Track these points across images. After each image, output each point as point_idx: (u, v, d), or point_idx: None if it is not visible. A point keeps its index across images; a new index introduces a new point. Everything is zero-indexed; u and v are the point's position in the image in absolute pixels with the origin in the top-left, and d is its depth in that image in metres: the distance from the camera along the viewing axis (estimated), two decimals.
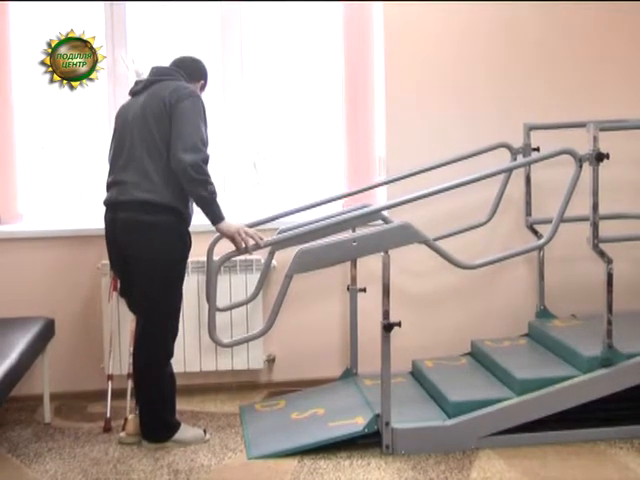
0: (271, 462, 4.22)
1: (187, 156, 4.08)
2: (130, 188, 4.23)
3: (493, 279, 5.39)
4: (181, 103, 4.18)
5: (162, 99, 4.22)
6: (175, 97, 4.20)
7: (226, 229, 4.21)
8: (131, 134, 4.28)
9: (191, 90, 4.28)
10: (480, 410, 4.36)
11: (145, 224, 4.22)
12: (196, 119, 4.17)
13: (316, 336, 5.29)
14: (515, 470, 4.08)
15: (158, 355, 4.33)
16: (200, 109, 4.23)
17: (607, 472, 4.07)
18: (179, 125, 4.15)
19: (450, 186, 4.35)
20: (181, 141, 4.11)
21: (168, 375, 4.39)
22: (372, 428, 4.31)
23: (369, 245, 4.22)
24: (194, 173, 4.08)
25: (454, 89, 5.35)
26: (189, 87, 4.30)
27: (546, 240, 4.49)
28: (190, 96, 4.22)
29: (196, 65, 4.54)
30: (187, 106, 4.18)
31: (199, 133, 4.15)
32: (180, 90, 4.24)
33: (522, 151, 5.12)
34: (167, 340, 4.35)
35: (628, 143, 5.03)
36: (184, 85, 4.31)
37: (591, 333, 4.69)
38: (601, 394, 4.42)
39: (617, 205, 5.09)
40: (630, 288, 5.18)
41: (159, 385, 4.36)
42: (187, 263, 4.40)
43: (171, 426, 4.44)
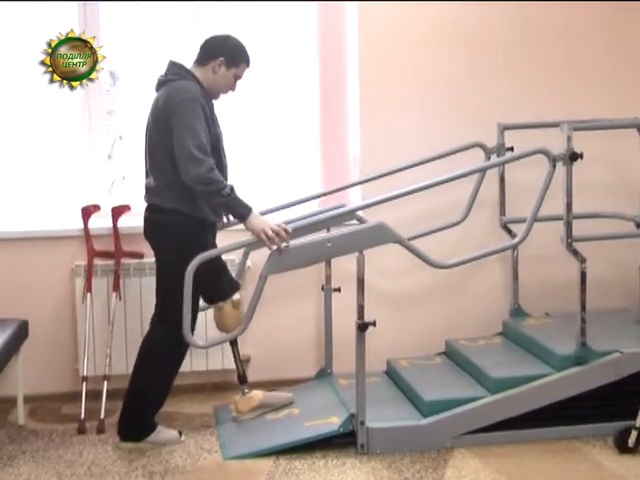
0: (246, 462, 4.22)
1: (192, 171, 4.09)
2: (147, 193, 4.41)
3: (467, 278, 5.41)
4: (174, 112, 4.18)
5: (159, 110, 4.25)
6: (169, 106, 4.20)
7: (251, 227, 4.20)
8: (145, 140, 4.40)
9: (185, 95, 4.21)
10: (455, 409, 4.38)
11: (155, 224, 4.38)
12: (191, 126, 4.14)
13: (291, 336, 5.29)
14: (490, 468, 4.09)
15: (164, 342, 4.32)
16: (191, 112, 4.17)
17: (581, 469, 4.10)
18: (177, 138, 4.15)
19: (424, 186, 4.36)
20: (182, 156, 4.13)
21: (169, 377, 4.41)
22: (347, 428, 4.32)
23: (344, 245, 4.22)
24: (203, 187, 4.10)
25: (428, 89, 5.36)
26: (183, 91, 4.23)
27: (520, 239, 4.51)
28: (182, 101, 4.19)
29: (212, 44, 4.43)
30: (179, 118, 4.16)
31: (195, 141, 4.11)
32: (175, 96, 4.21)
33: (496, 151, 5.13)
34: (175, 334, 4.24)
35: (602, 143, 5.08)
36: (182, 88, 4.25)
37: (565, 331, 4.71)
38: (575, 392, 4.45)
39: (591, 204, 5.11)
40: (603, 287, 5.20)
41: (157, 381, 4.38)
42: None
43: (149, 426, 4.44)
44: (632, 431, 4.20)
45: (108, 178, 5.36)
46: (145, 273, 5.06)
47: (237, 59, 4.43)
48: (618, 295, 5.44)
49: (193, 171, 4.09)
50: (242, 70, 4.46)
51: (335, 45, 5.31)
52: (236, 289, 4.54)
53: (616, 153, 5.43)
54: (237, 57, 4.43)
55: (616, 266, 5.50)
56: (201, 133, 4.16)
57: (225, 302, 4.48)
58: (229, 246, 4.31)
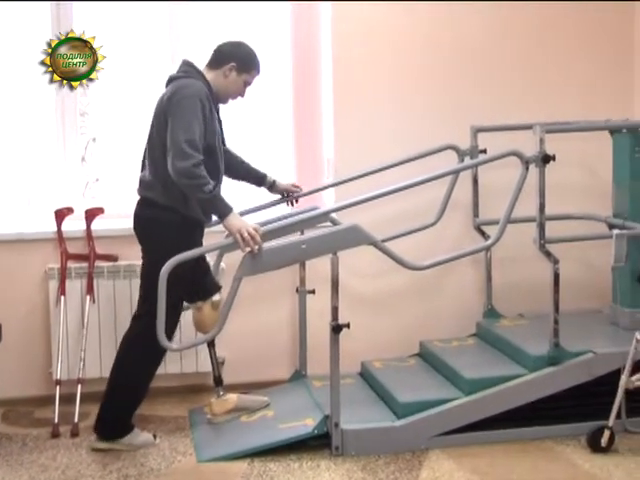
0: (221, 465, 4.22)
1: (178, 164, 4.10)
2: (140, 186, 4.43)
3: (441, 280, 5.43)
4: (173, 107, 4.20)
5: (162, 105, 4.28)
6: (170, 101, 4.22)
7: (228, 227, 4.19)
8: (148, 133, 4.41)
9: (187, 92, 4.23)
10: (429, 410, 4.39)
11: (146, 219, 4.38)
12: (186, 122, 4.16)
13: (265, 338, 5.29)
14: (464, 469, 4.11)
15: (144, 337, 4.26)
16: (193, 110, 4.19)
17: (555, 469, 4.13)
18: (170, 131, 4.18)
19: (398, 188, 4.38)
20: (172, 149, 4.14)
21: (148, 373, 4.40)
22: (322, 429, 4.32)
23: (318, 247, 4.22)
24: (186, 180, 4.11)
25: (402, 91, 5.37)
26: (189, 88, 4.26)
27: (493, 241, 4.52)
28: (183, 98, 4.21)
29: (225, 49, 4.48)
30: (178, 111, 4.19)
31: (187, 135, 4.13)
32: (175, 94, 4.23)
33: (469, 153, 5.16)
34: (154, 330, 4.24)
35: (574, 145, 5.11)
36: (185, 85, 4.28)
37: (538, 332, 4.73)
38: (548, 392, 4.48)
39: (563, 206, 5.15)
40: (576, 288, 5.24)
41: (136, 378, 4.38)
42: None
43: (127, 426, 4.43)
44: (605, 431, 4.23)
45: (81, 180, 5.34)
46: (119, 276, 5.05)
47: (248, 65, 4.48)
48: (591, 296, 5.48)
49: (179, 164, 4.10)
50: (252, 77, 4.51)
51: (309, 46, 5.31)
52: (216, 290, 4.54)
53: (588, 155, 5.47)
54: (248, 63, 4.48)
55: (589, 267, 5.54)
56: (195, 129, 4.16)
57: (205, 302, 4.48)
58: (204, 248, 4.32)
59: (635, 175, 4.88)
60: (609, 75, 5.63)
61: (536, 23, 5.52)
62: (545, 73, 5.54)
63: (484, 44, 5.46)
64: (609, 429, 4.22)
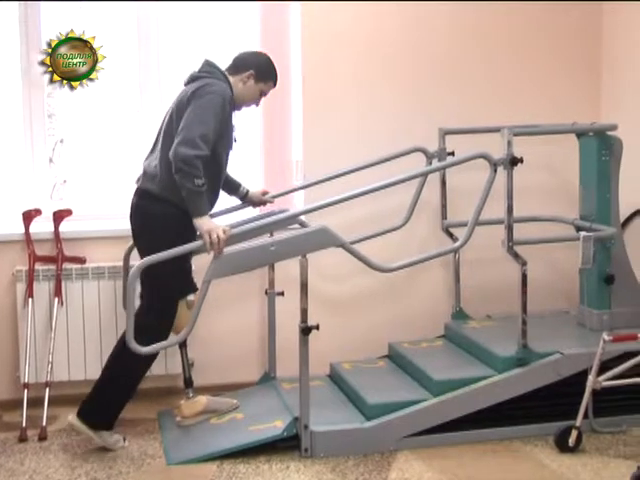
0: (190, 467, 4.21)
1: (182, 149, 4.13)
2: (144, 177, 4.42)
3: (410, 282, 5.45)
4: (196, 99, 4.25)
5: (186, 96, 4.31)
6: (194, 94, 4.27)
7: (199, 225, 4.18)
8: (162, 126, 4.44)
9: (214, 89, 4.29)
10: (398, 412, 4.40)
11: (144, 211, 4.39)
12: (206, 115, 4.21)
13: (234, 340, 5.28)
14: (433, 470, 4.12)
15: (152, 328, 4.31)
16: (215, 107, 4.25)
17: (523, 469, 4.16)
18: (186, 119, 4.22)
19: (366, 190, 4.38)
20: (183, 134, 4.17)
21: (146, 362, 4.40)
22: (291, 431, 4.32)
23: (287, 249, 4.22)
24: (183, 165, 4.12)
25: (370, 93, 5.39)
26: (215, 86, 4.31)
27: (462, 243, 4.55)
28: (209, 93, 4.26)
29: (245, 57, 4.56)
30: (200, 102, 4.24)
31: (202, 129, 4.17)
32: (203, 87, 4.29)
33: (437, 155, 5.17)
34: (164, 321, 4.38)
35: (541, 148, 5.14)
36: (211, 83, 4.33)
37: (506, 333, 4.76)
38: (517, 393, 4.51)
39: (531, 208, 5.18)
40: (544, 289, 5.28)
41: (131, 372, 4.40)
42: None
43: (108, 423, 4.43)
44: (572, 431, 4.26)
45: (49, 182, 5.31)
46: (88, 278, 5.02)
47: (266, 75, 4.55)
48: (558, 297, 5.52)
49: (184, 149, 4.12)
50: (269, 88, 4.59)
51: (278, 46, 5.30)
52: (193, 290, 4.53)
53: (555, 158, 5.51)
54: (267, 73, 4.55)
55: (556, 269, 5.58)
56: (211, 125, 4.21)
57: (180, 301, 4.48)
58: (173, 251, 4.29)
59: (602, 178, 4.91)
60: (576, 78, 5.68)
61: (504, 26, 5.55)
62: (513, 76, 5.58)
63: (452, 46, 5.48)
64: (576, 429, 4.26)
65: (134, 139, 5.32)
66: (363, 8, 5.32)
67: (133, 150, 5.31)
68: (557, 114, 5.41)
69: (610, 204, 4.93)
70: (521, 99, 5.55)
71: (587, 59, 5.69)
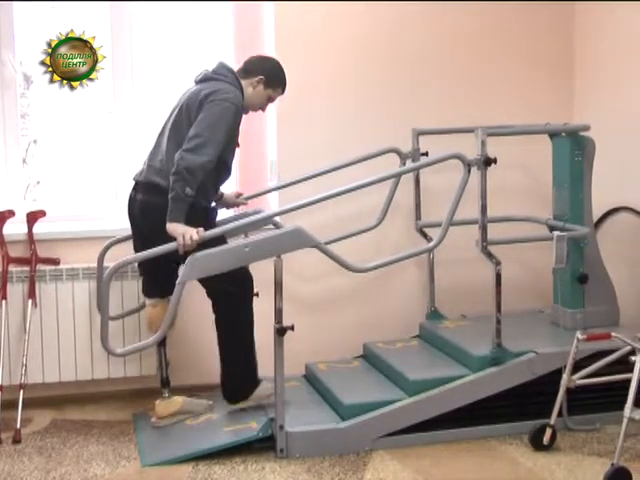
0: (165, 469, 4.20)
1: (190, 156, 4.19)
2: (149, 171, 4.43)
3: (384, 282, 5.45)
4: (210, 105, 4.29)
5: (198, 97, 4.35)
6: (209, 98, 4.31)
7: (173, 229, 4.18)
8: (169, 121, 4.47)
9: (229, 97, 4.33)
10: (373, 412, 4.41)
11: (152, 205, 4.36)
12: (219, 125, 4.26)
13: (209, 341, 5.24)
14: (408, 470, 4.13)
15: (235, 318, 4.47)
16: (228, 116, 4.31)
17: (498, 467, 4.17)
18: (198, 125, 4.27)
19: (341, 191, 4.38)
20: (193, 141, 4.22)
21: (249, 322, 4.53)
22: (266, 432, 4.32)
23: (262, 250, 4.22)
24: (185, 172, 4.17)
25: (344, 94, 5.39)
26: (231, 94, 4.35)
27: (436, 243, 4.55)
28: (224, 101, 4.30)
29: (256, 62, 4.63)
30: (215, 110, 4.28)
31: (213, 138, 4.23)
32: (218, 93, 4.33)
33: (411, 156, 5.19)
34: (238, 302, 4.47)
35: (515, 148, 5.16)
36: (226, 90, 4.36)
37: (481, 333, 4.78)
38: (491, 392, 4.53)
39: (505, 208, 5.21)
40: (518, 289, 5.31)
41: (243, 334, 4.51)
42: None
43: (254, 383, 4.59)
44: (547, 429, 4.28)
45: (23, 183, 5.28)
46: (62, 279, 4.99)
47: (276, 82, 4.61)
48: (532, 297, 5.55)
49: (191, 156, 4.18)
50: (277, 94, 4.65)
51: (252, 47, 5.30)
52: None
53: (528, 158, 5.53)
54: (276, 80, 4.61)
55: (530, 268, 5.61)
56: (221, 137, 4.28)
57: (162, 300, 4.54)
58: (148, 252, 4.28)
59: (575, 178, 4.94)
60: (549, 79, 5.70)
61: (477, 26, 5.57)
62: (486, 77, 5.60)
63: (426, 47, 5.50)
64: (551, 427, 4.28)
65: (107, 140, 5.30)
66: (336, 8, 5.32)
67: (106, 151, 5.29)
68: (531, 115, 5.43)
69: (583, 204, 4.96)
70: (495, 100, 5.58)
71: (560, 60, 5.72)
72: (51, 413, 4.93)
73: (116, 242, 4.73)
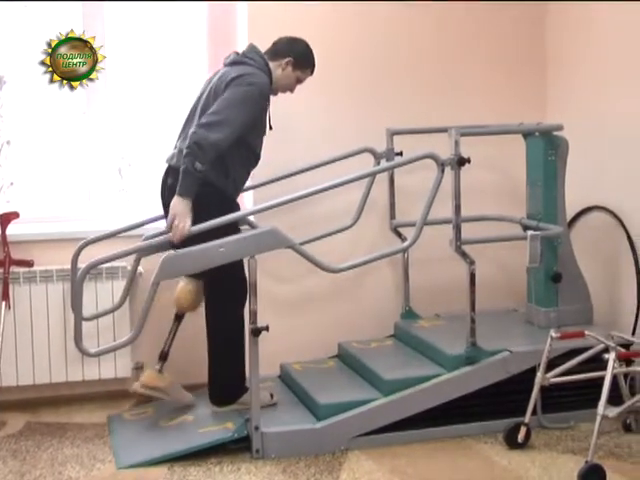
0: (141, 471, 4.18)
1: (203, 131, 4.22)
2: (179, 155, 4.37)
3: (359, 282, 5.46)
4: (234, 87, 4.31)
5: (225, 80, 4.36)
6: (234, 81, 4.33)
7: (176, 203, 4.23)
8: (197, 105, 4.49)
9: (254, 80, 4.36)
10: (349, 412, 4.41)
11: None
12: (239, 106, 4.28)
13: (184, 342, 5.24)
14: (384, 469, 4.14)
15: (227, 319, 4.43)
16: (250, 99, 4.33)
17: (473, 466, 4.19)
18: (219, 103, 4.30)
19: (315, 190, 4.39)
20: (210, 117, 4.25)
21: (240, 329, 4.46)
22: (242, 433, 4.32)
23: (236, 251, 4.22)
24: (196, 146, 4.19)
25: (318, 94, 5.37)
26: (256, 77, 4.38)
27: (410, 243, 4.56)
28: (249, 85, 4.33)
29: (285, 43, 4.63)
30: (238, 91, 4.31)
31: (231, 116, 4.25)
32: (244, 77, 4.35)
33: (385, 156, 5.20)
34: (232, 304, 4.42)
35: (488, 148, 5.18)
36: (253, 74, 4.39)
37: (455, 332, 4.80)
38: (466, 391, 4.54)
39: (478, 208, 5.22)
40: (492, 288, 5.31)
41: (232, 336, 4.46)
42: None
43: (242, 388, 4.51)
44: (521, 427, 4.30)
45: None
46: (35, 281, 4.96)
47: (305, 63, 4.65)
48: (506, 296, 5.56)
49: (203, 132, 4.20)
50: (305, 75, 4.68)
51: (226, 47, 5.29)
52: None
53: (502, 158, 5.55)
54: (305, 61, 4.65)
55: (504, 267, 5.62)
56: (240, 118, 4.28)
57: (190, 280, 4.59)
58: (121, 252, 4.27)
59: (548, 177, 4.97)
60: (522, 79, 5.73)
61: (450, 27, 5.59)
62: (460, 77, 5.62)
63: (400, 47, 5.50)
64: (525, 425, 4.30)
65: (80, 141, 5.28)
66: (310, 8, 5.33)
67: (80, 152, 5.27)
68: (504, 115, 5.45)
69: (557, 203, 4.99)
70: (468, 100, 5.59)
71: (533, 60, 5.74)
72: (25, 416, 4.90)
73: (90, 242, 4.70)
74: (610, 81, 5.20)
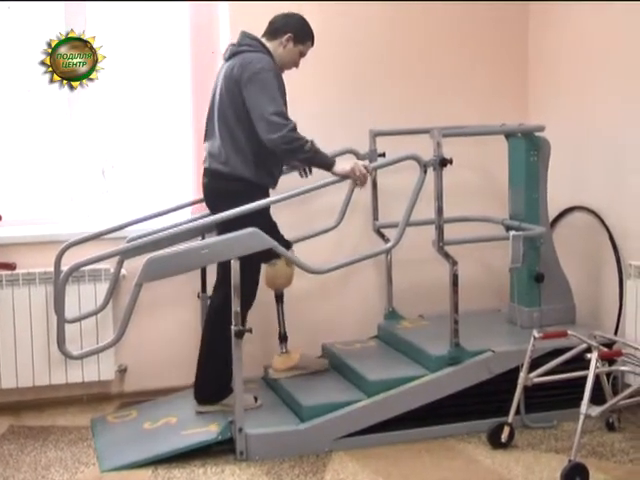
0: (124, 473, 4.17)
1: (273, 135, 4.29)
2: (210, 158, 4.55)
3: (342, 283, 5.46)
4: (250, 84, 4.37)
5: (233, 77, 4.42)
6: (245, 78, 4.38)
7: (341, 172, 4.39)
8: (214, 107, 4.58)
9: (262, 65, 4.41)
10: (333, 413, 4.41)
11: (218, 191, 4.52)
12: (266, 94, 4.36)
13: (167, 344, 5.24)
14: (368, 470, 4.15)
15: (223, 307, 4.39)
16: (269, 82, 4.39)
17: (457, 466, 4.20)
18: (255, 106, 4.36)
19: (298, 192, 4.40)
20: (261, 123, 4.33)
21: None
22: (226, 435, 4.31)
23: (219, 252, 4.22)
24: (286, 146, 4.30)
25: (300, 94, 5.35)
26: (260, 61, 4.42)
27: (393, 244, 4.58)
28: (258, 73, 4.38)
29: (281, 20, 4.65)
30: (259, 84, 4.36)
31: (273, 107, 4.32)
32: (251, 66, 4.40)
33: (368, 156, 5.20)
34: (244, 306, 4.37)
35: (470, 149, 5.20)
36: (257, 59, 4.44)
37: (438, 333, 4.81)
38: (450, 391, 4.55)
39: (461, 209, 5.23)
40: (475, 288, 5.33)
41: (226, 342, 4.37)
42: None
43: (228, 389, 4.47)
44: (504, 427, 4.32)
45: None
46: (18, 284, 4.94)
47: (304, 36, 4.67)
48: (489, 296, 5.58)
49: (274, 135, 4.29)
50: (307, 48, 4.70)
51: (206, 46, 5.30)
52: (289, 247, 4.62)
53: (484, 159, 5.57)
54: (304, 34, 4.67)
55: (487, 268, 5.64)
56: (279, 100, 4.40)
57: (279, 259, 4.56)
58: (104, 254, 4.26)
59: (530, 178, 4.98)
60: (504, 81, 5.75)
61: (432, 27, 5.60)
62: (442, 78, 5.63)
63: (383, 47, 5.51)
64: (509, 425, 4.32)
65: (63, 143, 5.26)
66: (290, 8, 5.30)
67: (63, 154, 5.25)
68: (486, 115, 5.46)
69: (539, 204, 5.01)
70: (450, 101, 5.60)
71: (515, 61, 5.77)
72: (8, 419, 4.89)
73: (73, 245, 4.68)
74: (592, 82, 5.22)
